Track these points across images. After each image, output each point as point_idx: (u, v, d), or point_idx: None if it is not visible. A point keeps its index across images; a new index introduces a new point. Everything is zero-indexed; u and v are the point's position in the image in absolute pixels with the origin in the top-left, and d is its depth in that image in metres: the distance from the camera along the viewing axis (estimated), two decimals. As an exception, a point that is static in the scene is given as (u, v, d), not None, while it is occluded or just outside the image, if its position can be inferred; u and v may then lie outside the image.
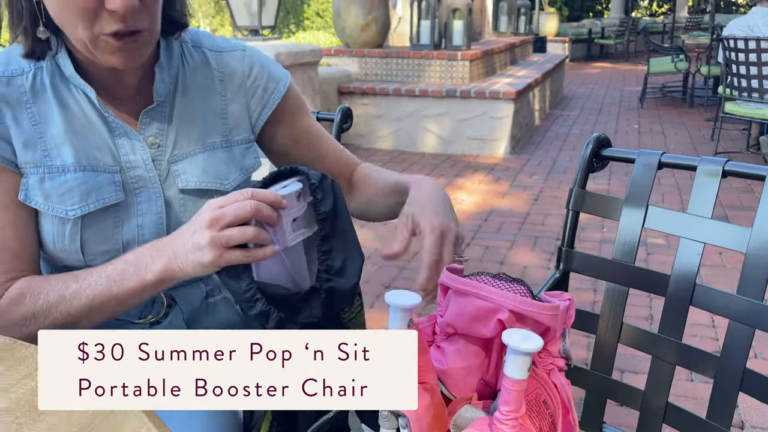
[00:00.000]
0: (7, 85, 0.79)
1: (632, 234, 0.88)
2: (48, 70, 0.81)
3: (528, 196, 4.04)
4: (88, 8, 0.71)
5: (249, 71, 0.92)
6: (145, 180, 0.84)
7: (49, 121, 0.80)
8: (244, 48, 0.94)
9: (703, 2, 18.38)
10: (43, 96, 0.80)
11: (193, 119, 0.87)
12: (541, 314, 0.58)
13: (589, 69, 11.96)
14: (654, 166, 0.88)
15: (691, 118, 6.64)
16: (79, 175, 0.80)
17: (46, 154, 0.79)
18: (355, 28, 5.53)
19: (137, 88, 0.85)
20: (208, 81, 0.90)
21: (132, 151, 0.83)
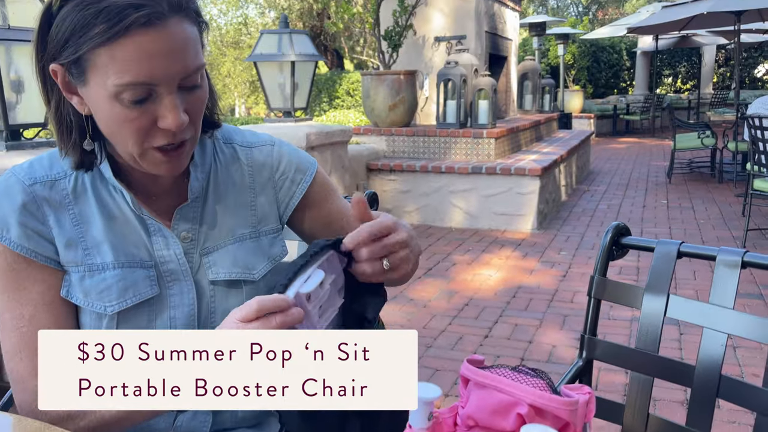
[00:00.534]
0: (51, 188, 0.83)
1: (654, 323, 0.89)
2: (89, 175, 0.86)
3: (556, 273, 4.01)
4: (142, 128, 0.76)
5: (277, 165, 0.97)
6: (178, 273, 0.87)
7: (89, 221, 0.84)
8: (273, 143, 0.98)
9: (727, 79, 18.58)
10: (84, 197, 0.85)
11: (224, 213, 0.91)
12: (560, 409, 0.59)
13: (615, 144, 12.05)
14: (673, 255, 0.89)
15: (721, 193, 6.60)
16: (118, 272, 0.83)
17: (86, 253, 0.83)
18: (384, 108, 5.72)
19: (172, 185, 0.90)
20: (238, 175, 0.94)
21: (165, 247, 0.87)
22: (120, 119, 0.75)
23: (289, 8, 15.34)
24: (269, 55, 4.52)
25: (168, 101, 0.75)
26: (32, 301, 0.81)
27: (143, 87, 0.73)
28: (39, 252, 0.82)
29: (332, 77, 13.11)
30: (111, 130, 0.78)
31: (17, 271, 0.81)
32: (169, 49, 0.73)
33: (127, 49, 0.71)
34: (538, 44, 10.78)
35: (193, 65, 0.76)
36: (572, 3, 26.09)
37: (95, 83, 0.74)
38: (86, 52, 0.72)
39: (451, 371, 2.62)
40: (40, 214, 0.82)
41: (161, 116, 0.75)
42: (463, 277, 3.94)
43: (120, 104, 0.74)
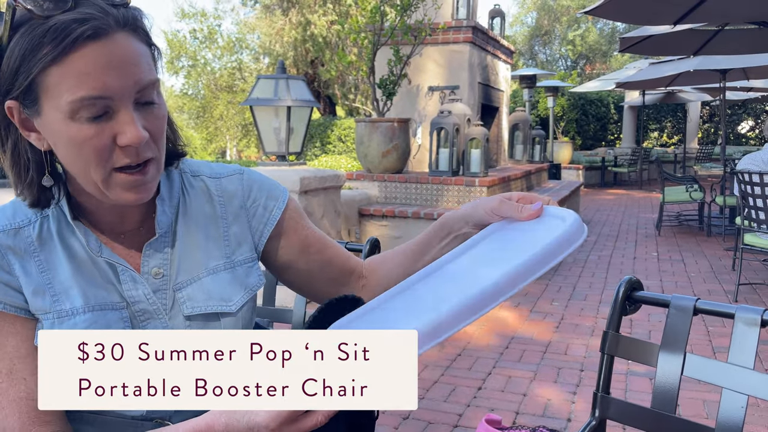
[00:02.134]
0: (15, 236, 0.82)
1: (671, 383, 0.86)
2: (54, 217, 0.84)
3: (549, 323, 3.97)
4: (102, 147, 0.74)
5: (248, 193, 0.96)
6: (150, 312, 0.86)
7: (56, 267, 0.82)
8: (242, 171, 0.98)
9: (711, 134, 19.00)
10: (50, 244, 0.83)
11: (195, 246, 0.90)
12: None
13: (603, 195, 12.18)
14: (689, 312, 0.87)
15: (710, 246, 6.64)
16: (89, 315, 0.82)
17: (55, 299, 0.81)
18: (377, 154, 5.76)
19: (140, 221, 0.88)
20: (209, 207, 0.93)
21: (134, 287, 0.85)
22: (78, 140, 0.73)
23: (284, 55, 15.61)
24: (265, 100, 4.55)
25: (125, 115, 0.74)
26: (7, 356, 0.79)
27: (98, 102, 0.72)
28: (8, 303, 0.80)
29: (324, 123, 13.25)
30: (71, 157, 0.76)
31: None
32: (120, 60, 0.73)
33: (77, 63, 0.71)
34: (528, 96, 11.00)
35: (146, 78, 0.76)
36: (561, 57, 26.81)
37: (49, 107, 0.73)
38: (37, 75, 0.72)
39: (445, 424, 2.54)
40: (5, 263, 0.80)
41: (120, 132, 0.74)
42: (455, 326, 3.88)
43: (77, 123, 0.73)
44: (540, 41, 26.57)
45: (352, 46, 12.27)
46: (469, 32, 6.31)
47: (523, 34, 26.90)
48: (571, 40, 25.27)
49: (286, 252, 0.99)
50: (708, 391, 2.84)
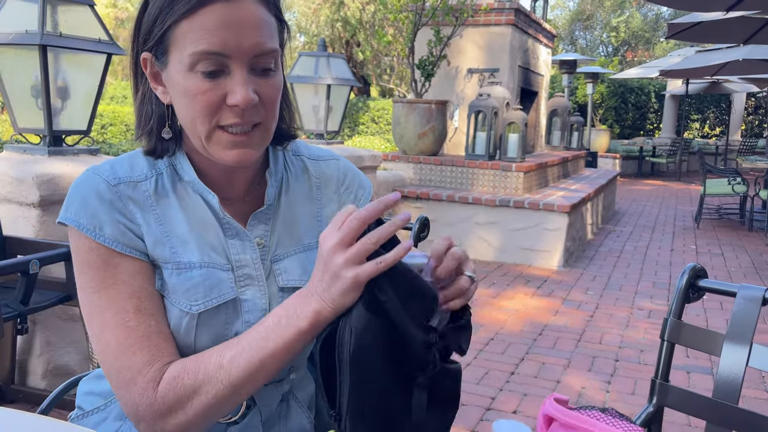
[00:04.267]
0: (134, 189, 0.85)
1: (735, 373, 0.84)
2: (168, 176, 0.87)
3: (583, 313, 3.93)
4: (211, 102, 0.78)
5: (343, 179, 1.00)
6: (253, 278, 0.88)
7: (172, 221, 0.85)
8: (338, 158, 1.02)
9: (755, 127, 18.43)
10: (166, 199, 0.86)
11: (294, 221, 0.93)
12: None
13: (640, 186, 11.94)
14: (758, 301, 0.85)
15: (751, 241, 6.47)
16: (204, 271, 0.84)
17: (173, 251, 0.84)
18: (413, 136, 5.73)
19: (246, 190, 0.91)
20: (307, 186, 0.97)
21: (242, 251, 0.88)
22: (192, 92, 0.78)
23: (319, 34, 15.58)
24: (306, 77, 4.55)
25: (238, 76, 0.77)
26: (134, 294, 0.81)
27: (215, 57, 0.76)
28: (132, 247, 0.82)
29: (357, 103, 13.22)
30: (184, 108, 0.80)
31: (114, 266, 0.81)
32: (242, 22, 0.76)
33: (203, 19, 0.76)
34: (567, 81, 10.80)
35: (265, 45, 0.78)
36: (602, 43, 26.21)
37: (174, 60, 0.79)
38: (169, 27, 0.77)
39: (477, 406, 2.55)
40: (127, 211, 0.83)
41: (230, 91, 0.77)
42: (488, 311, 3.88)
43: (194, 76, 0.77)
44: (581, 26, 26.00)
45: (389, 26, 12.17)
46: (511, 14, 6.19)
47: (565, 18, 26.36)
48: (614, 26, 24.66)
49: None
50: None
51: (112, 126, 12.74)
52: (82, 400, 0.98)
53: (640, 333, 3.58)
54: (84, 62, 2.63)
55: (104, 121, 12.51)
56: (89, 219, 0.81)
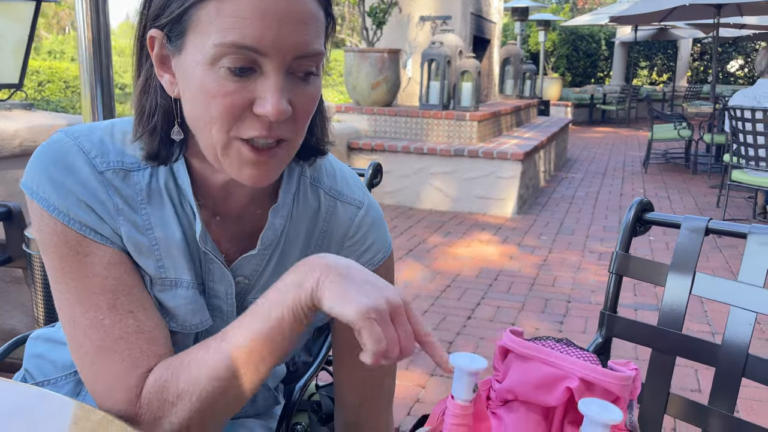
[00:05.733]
0: (123, 179, 0.71)
1: (679, 301, 0.86)
2: (164, 174, 0.73)
3: (537, 257, 4.02)
4: (233, 107, 0.63)
5: (354, 233, 0.83)
6: (222, 312, 0.78)
7: (164, 226, 0.72)
8: (361, 206, 0.83)
9: (701, 72, 18.87)
10: (158, 198, 0.72)
11: (285, 265, 0.77)
12: (612, 384, 0.56)
13: (591, 133, 12.15)
14: (701, 231, 0.87)
15: (695, 184, 6.70)
16: (191, 293, 0.73)
17: (159, 264, 0.72)
18: (366, 86, 5.64)
19: (243, 207, 0.77)
20: (311, 229, 0.81)
21: (220, 281, 0.76)
22: (211, 92, 0.62)
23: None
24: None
25: (272, 80, 0.62)
26: (108, 289, 0.68)
27: (247, 53, 0.61)
28: (109, 237, 0.69)
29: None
30: (197, 109, 0.65)
31: (84, 255, 0.68)
32: (287, 14, 0.61)
33: (238, 3, 0.60)
34: (520, 29, 10.76)
35: (311, 46, 0.63)
36: (553, -9, 26.13)
37: (193, 46, 0.63)
38: (192, 5, 0.62)
39: (436, 351, 2.60)
40: (110, 205, 0.70)
41: (260, 97, 0.62)
42: (444, 259, 3.93)
43: (215, 72, 0.62)
44: (532, -27, 25.80)
45: (339, -27, 11.82)
46: (462, -41, 6.08)
47: (515, -35, 26.08)
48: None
49: None
50: (715, 311, 2.92)
51: (50, 83, 12.12)
52: (31, 364, 0.90)
53: (591, 275, 3.70)
54: (11, 10, 2.46)
55: (41, 77, 11.88)
56: (61, 201, 0.68)
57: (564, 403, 0.59)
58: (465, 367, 0.57)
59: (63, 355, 0.87)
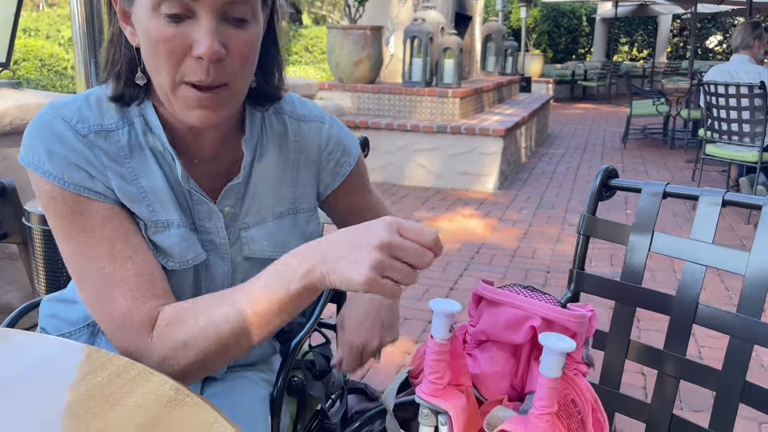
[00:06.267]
0: (105, 138, 0.78)
1: (639, 258, 0.96)
2: (140, 127, 0.80)
3: (517, 231, 4.13)
4: (174, 51, 0.70)
5: (326, 144, 0.92)
6: (216, 245, 0.85)
7: (149, 176, 0.79)
8: (323, 120, 0.93)
9: (681, 48, 19.04)
10: (140, 152, 0.80)
11: (266, 189, 0.88)
12: (570, 321, 0.65)
13: (572, 109, 12.27)
14: (659, 195, 0.96)
15: (672, 159, 6.85)
16: (182, 231, 0.80)
17: (151, 209, 0.79)
18: (349, 63, 5.67)
19: (216, 151, 0.84)
20: (284, 151, 0.89)
21: (208, 218, 0.83)
22: (154, 37, 0.71)
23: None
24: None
25: (204, 24, 0.70)
26: (105, 240, 0.75)
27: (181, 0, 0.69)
28: (99, 191, 0.76)
29: (289, 32, 12.81)
30: (148, 55, 0.73)
31: (80, 213, 0.76)
32: None
33: None
34: (501, 5, 10.78)
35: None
36: (534, -34, 26.01)
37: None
38: None
39: (419, 320, 2.70)
40: (98, 162, 0.77)
41: (195, 40, 0.70)
42: (428, 232, 4.02)
43: (157, 18, 0.70)
44: (514, -52, 25.65)
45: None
46: (444, -65, 6.09)
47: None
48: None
49: (342, 207, 1.00)
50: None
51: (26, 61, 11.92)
52: (46, 323, 0.99)
53: (569, 246, 3.82)
54: (-4, -12, 2.47)
55: (16, 56, 11.67)
56: (54, 166, 0.75)
57: (529, 340, 0.68)
58: (442, 310, 0.65)
59: (75, 313, 0.95)
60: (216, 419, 0.62)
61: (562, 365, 0.61)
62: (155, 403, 0.64)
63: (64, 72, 8.96)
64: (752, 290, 0.85)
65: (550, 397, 0.61)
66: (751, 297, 0.85)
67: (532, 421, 0.62)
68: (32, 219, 1.77)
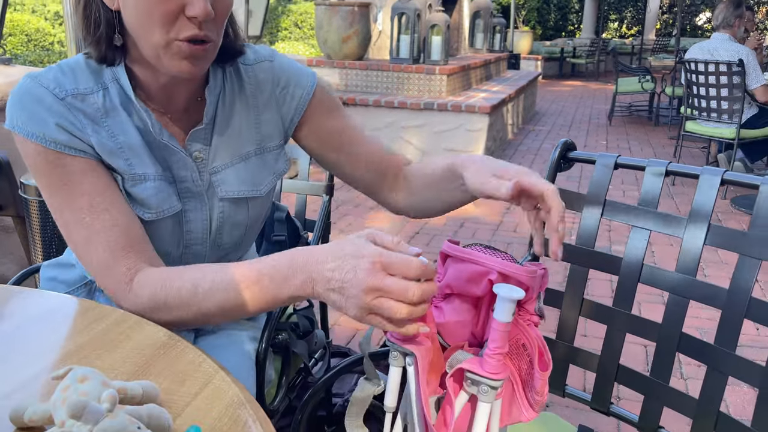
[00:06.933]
0: (82, 101, 0.85)
1: (592, 223, 1.05)
2: (116, 90, 0.87)
3: (501, 206, 4.23)
4: (169, 13, 0.78)
5: (278, 81, 0.99)
6: (192, 192, 0.92)
7: (126, 133, 0.87)
8: (272, 58, 1.00)
9: (669, 26, 19.06)
10: (114, 112, 0.87)
11: (231, 133, 0.95)
12: (521, 275, 0.73)
13: (560, 87, 12.33)
14: (611, 166, 1.04)
15: (656, 135, 6.95)
16: (157, 183, 0.88)
17: (128, 163, 0.87)
18: (337, 40, 5.69)
19: (185, 106, 0.92)
20: (243, 95, 0.97)
21: (183, 167, 0.91)
22: (150, 3, 0.77)
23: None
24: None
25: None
26: (85, 192, 0.83)
27: None
28: (77, 148, 0.84)
29: (278, 8, 12.73)
30: (139, 18, 0.79)
31: (62, 167, 0.83)
32: None
33: None
34: (490, -18, 10.74)
35: None
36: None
37: None
38: None
39: (404, 291, 2.81)
40: (77, 121, 0.84)
41: (189, 3, 0.78)
42: (413, 207, 4.11)
43: None
44: None
45: None
46: None
47: None
48: None
49: (315, 140, 1.04)
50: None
51: (12, 36, 11.79)
52: (45, 285, 1.07)
53: (551, 221, 3.92)
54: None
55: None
56: (36, 127, 0.82)
57: (488, 293, 0.77)
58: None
59: (73, 275, 1.04)
60: (204, 360, 0.71)
61: (512, 311, 0.69)
62: (150, 347, 0.73)
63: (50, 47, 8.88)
64: (688, 252, 0.94)
65: (502, 339, 0.69)
66: (687, 258, 0.95)
67: (486, 360, 0.71)
68: (28, 191, 1.84)
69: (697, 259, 0.94)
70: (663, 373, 0.97)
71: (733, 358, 0.89)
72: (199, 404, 0.63)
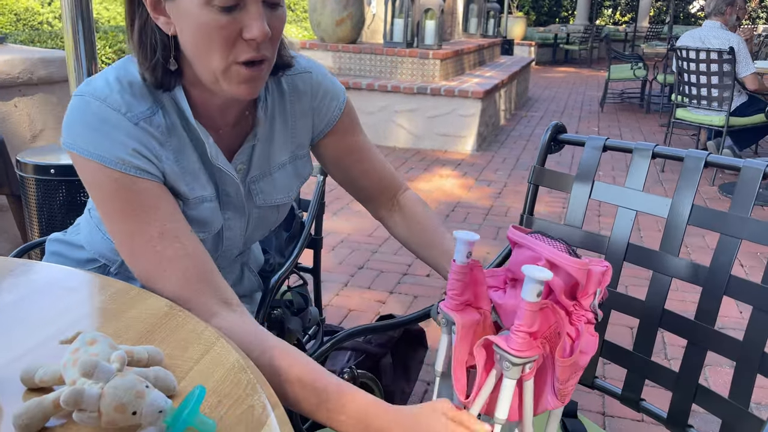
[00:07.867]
0: (151, 123, 0.84)
1: (581, 204, 1.08)
2: (173, 109, 0.87)
3: (492, 190, 4.27)
4: (229, 38, 0.78)
5: (317, 93, 1.01)
6: (234, 204, 0.96)
7: (186, 156, 0.88)
8: (310, 70, 1.01)
9: (663, 13, 19.07)
10: (174, 133, 0.87)
11: (270, 144, 0.98)
12: (571, 267, 0.70)
13: (553, 73, 12.34)
14: (600, 148, 1.07)
15: (647, 123, 7.00)
16: (213, 204, 0.91)
17: (190, 187, 0.88)
18: (331, 23, 5.67)
19: (236, 119, 0.94)
20: (282, 105, 0.99)
21: (230, 184, 0.94)
22: (209, 28, 0.77)
23: None
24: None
25: (254, 10, 0.78)
26: (157, 219, 0.82)
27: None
28: (155, 174, 0.84)
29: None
30: (198, 44, 0.80)
31: (136, 193, 0.82)
32: None
33: None
34: (485, -33, 10.69)
35: None
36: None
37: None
38: None
39: (394, 273, 2.84)
40: (152, 147, 0.84)
41: (247, 26, 0.78)
42: (406, 191, 4.14)
43: (210, 11, 0.77)
44: None
45: None
46: None
47: None
48: None
49: (333, 151, 1.07)
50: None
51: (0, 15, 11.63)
52: (50, 259, 1.08)
53: (543, 206, 3.96)
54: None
55: (-10, 10, 11.37)
56: (115, 153, 0.80)
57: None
58: (462, 238, 0.74)
59: (81, 255, 1.05)
60: (206, 328, 0.74)
61: (537, 291, 0.67)
62: (152, 316, 0.76)
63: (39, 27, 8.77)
64: (672, 231, 0.98)
65: (528, 318, 0.68)
66: (670, 237, 0.98)
67: (510, 337, 0.71)
68: (25, 169, 1.85)
69: (680, 237, 0.98)
70: (646, 347, 1.01)
71: (712, 332, 0.93)
72: (201, 368, 0.66)
